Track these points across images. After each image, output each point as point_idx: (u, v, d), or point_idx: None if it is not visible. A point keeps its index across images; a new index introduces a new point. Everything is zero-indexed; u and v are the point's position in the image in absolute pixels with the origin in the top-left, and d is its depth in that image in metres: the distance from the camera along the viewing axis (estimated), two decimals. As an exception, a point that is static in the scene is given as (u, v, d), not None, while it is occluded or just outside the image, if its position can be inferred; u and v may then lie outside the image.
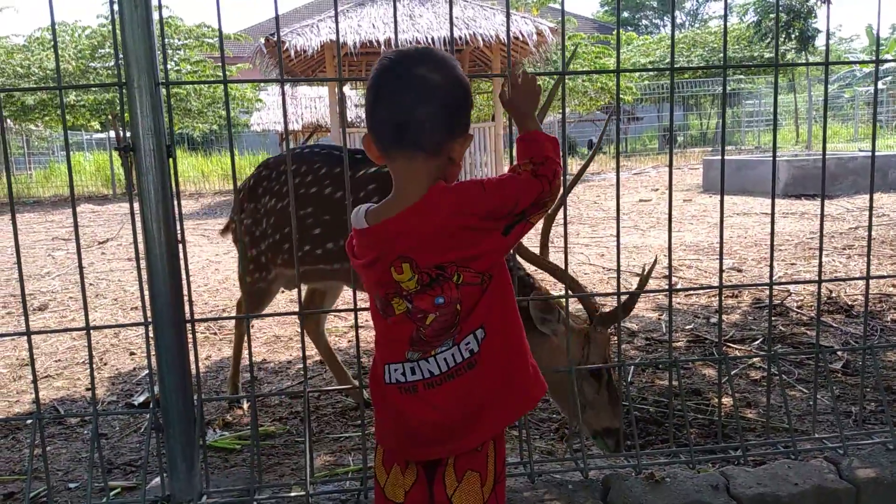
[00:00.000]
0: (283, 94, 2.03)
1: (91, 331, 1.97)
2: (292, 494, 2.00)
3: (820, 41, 20.20)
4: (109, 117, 17.14)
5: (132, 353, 3.90)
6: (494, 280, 1.32)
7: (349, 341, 3.92)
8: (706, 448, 2.33)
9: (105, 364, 3.72)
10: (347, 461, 2.45)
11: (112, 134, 18.61)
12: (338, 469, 2.37)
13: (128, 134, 1.84)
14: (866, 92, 23.18)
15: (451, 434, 1.34)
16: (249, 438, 2.64)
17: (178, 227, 1.90)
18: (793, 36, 19.70)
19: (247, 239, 2.84)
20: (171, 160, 1.88)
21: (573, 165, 19.37)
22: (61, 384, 3.42)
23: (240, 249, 2.86)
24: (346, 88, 19.00)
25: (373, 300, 1.38)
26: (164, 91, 1.85)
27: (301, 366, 3.56)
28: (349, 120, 18.56)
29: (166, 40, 16.68)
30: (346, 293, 3.49)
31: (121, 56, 1.80)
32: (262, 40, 12.82)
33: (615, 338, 2.30)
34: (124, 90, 1.81)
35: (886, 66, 22.20)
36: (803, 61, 18.82)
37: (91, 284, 5.94)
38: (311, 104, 20.60)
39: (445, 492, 1.36)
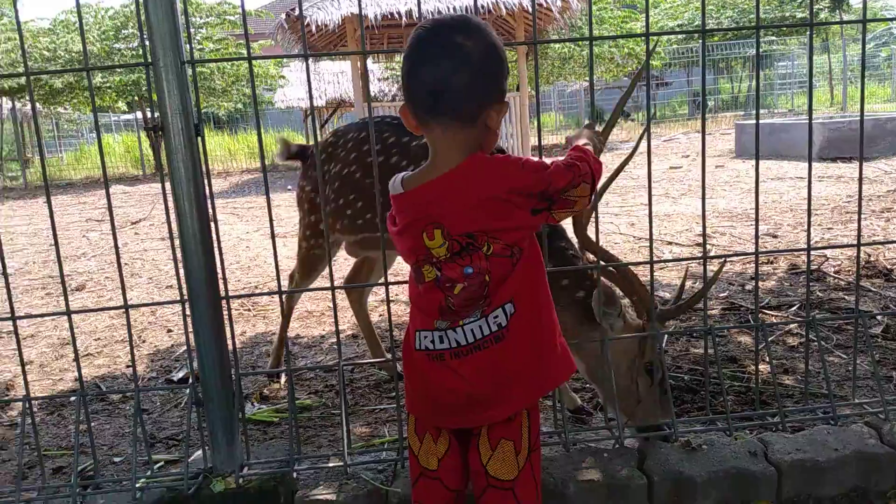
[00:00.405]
0: (308, 69, 2.01)
1: (129, 309, 2.00)
2: (330, 465, 2.03)
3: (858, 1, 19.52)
4: (136, 98, 17.31)
5: (169, 331, 3.98)
6: (525, 255, 1.33)
7: (380, 315, 3.95)
8: (744, 415, 2.30)
9: (143, 342, 3.79)
10: (383, 432, 2.48)
11: (139, 115, 18.81)
12: (374, 440, 2.40)
13: (156, 114, 1.85)
14: (903, 49, 22.42)
15: (477, 405, 1.35)
16: (287, 411, 2.68)
17: (210, 206, 1.91)
18: (825, -7, 19.06)
19: (306, 206, 2.84)
20: (199, 139, 1.89)
21: (600, 133, 19.08)
22: (102, 362, 3.50)
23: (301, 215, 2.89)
24: (369, 62, 18.90)
25: (411, 271, 1.40)
26: (189, 70, 1.85)
27: (334, 340, 3.61)
28: (373, 94, 18.49)
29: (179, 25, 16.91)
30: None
31: (146, 36, 1.80)
32: (284, 16, 12.78)
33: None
34: (151, 70, 1.82)
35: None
36: (838, 20, 18.23)
37: (126, 264, 6.04)
38: (334, 79, 20.54)
39: (480, 460, 1.38)
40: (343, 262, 5.47)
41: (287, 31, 13.00)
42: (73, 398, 2.49)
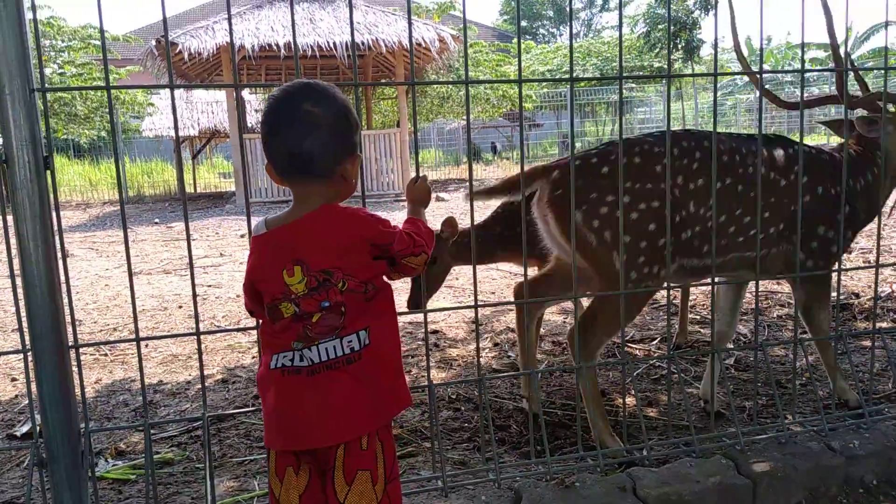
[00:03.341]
0: (174, 101, 1.92)
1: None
2: (193, 526, 1.88)
3: (704, 51, 21.39)
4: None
5: (13, 379, 3.60)
6: (381, 295, 1.47)
7: (253, 357, 3.78)
8: (613, 450, 2.38)
9: (-23, 392, 3.41)
10: (253, 486, 2.34)
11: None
12: (242, 495, 2.26)
13: (-1, 144, 1.69)
14: (746, 99, 24.78)
15: (328, 421, 1.40)
16: (144, 467, 2.48)
17: (59, 243, 1.76)
18: (679, 46, 20.75)
19: (652, 226, 2.32)
20: (48, 172, 1.73)
21: (478, 171, 19.63)
22: (-71, 417, 3.11)
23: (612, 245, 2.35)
24: (245, 93, 18.47)
25: (262, 319, 1.49)
26: (39, 99, 1.71)
27: (200, 386, 3.41)
28: (249, 125, 18.04)
29: (48, 41, 15.67)
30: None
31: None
32: (154, 42, 12.27)
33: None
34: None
35: (766, 76, 23.82)
36: (692, 72, 19.90)
37: (-37, 305, 5.46)
38: (207, 109, 19.89)
39: (337, 496, 1.40)
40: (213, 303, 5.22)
41: (157, 59, 12.46)
42: None
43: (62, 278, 1.78)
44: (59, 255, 1.76)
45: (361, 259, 1.42)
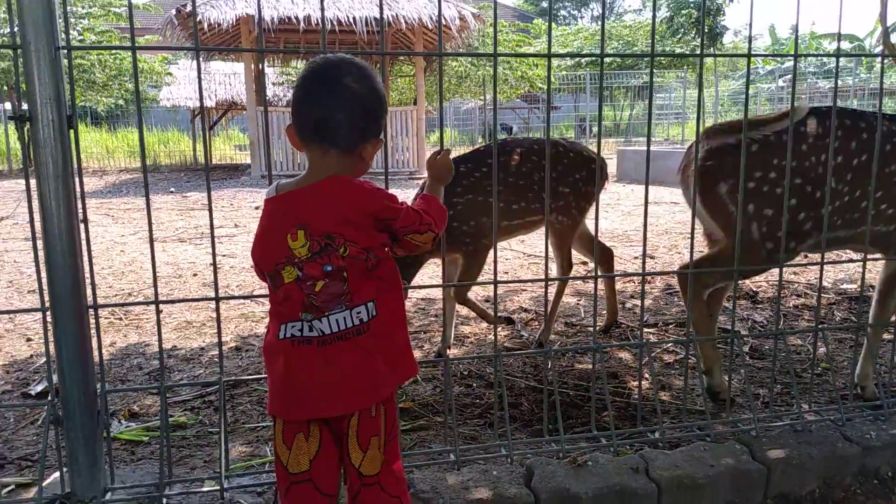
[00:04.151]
0: (199, 64, 1.90)
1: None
2: (205, 489, 1.90)
3: (727, 38, 21.08)
4: (5, 87, 15.95)
5: (29, 339, 3.63)
6: (383, 265, 1.48)
7: (266, 327, 3.79)
8: (626, 432, 2.37)
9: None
10: (265, 452, 2.36)
11: (7, 105, 17.32)
12: (254, 460, 2.28)
13: (23, 104, 1.68)
14: (767, 88, 24.43)
15: (341, 390, 1.43)
16: (158, 429, 2.50)
17: (81, 206, 1.75)
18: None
19: (794, 201, 2.42)
20: (72, 132, 1.73)
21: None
22: (-54, 374, 3.14)
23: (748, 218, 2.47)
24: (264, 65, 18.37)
25: (270, 289, 1.49)
26: (64, 57, 1.70)
27: (214, 353, 3.43)
28: (267, 98, 17.99)
29: (69, 8, 15.69)
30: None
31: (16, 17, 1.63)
32: (174, 11, 12.22)
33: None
34: (20, 55, 1.65)
35: (786, 64, 23.47)
36: (723, 53, 19.61)
37: (-19, 266, 5.51)
38: (225, 80, 19.82)
39: (352, 462, 1.46)
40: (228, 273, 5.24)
41: (176, 28, 12.43)
42: None
43: (83, 240, 1.78)
44: (81, 216, 1.76)
45: (363, 228, 1.44)
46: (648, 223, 7.32)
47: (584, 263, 5.22)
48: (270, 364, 1.48)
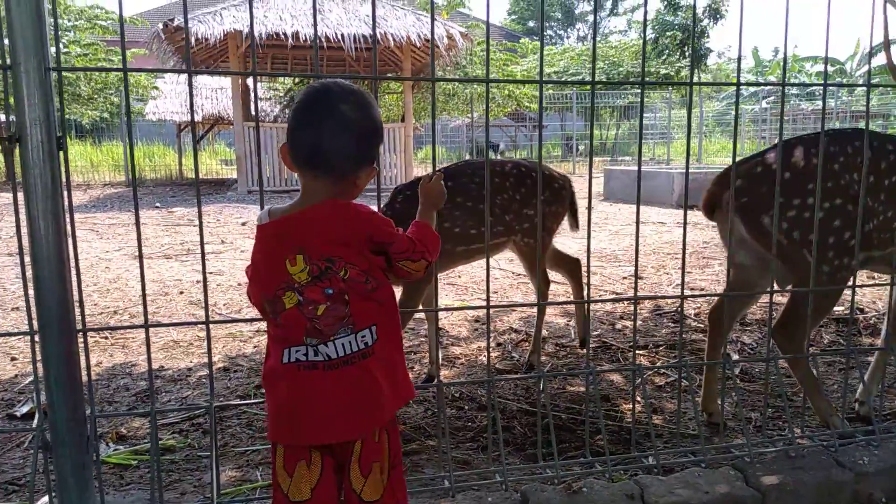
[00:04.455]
0: (191, 86, 1.88)
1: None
2: (196, 517, 1.86)
3: (711, 60, 21.38)
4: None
5: (13, 358, 3.57)
6: (383, 292, 1.48)
7: (255, 346, 3.75)
8: (621, 457, 2.35)
9: (-23, 371, 3.37)
10: (255, 476, 2.32)
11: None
12: (245, 486, 2.24)
13: (10, 120, 1.65)
14: (751, 110, 24.77)
15: (348, 415, 1.42)
16: (147, 453, 2.46)
17: (70, 224, 1.73)
18: (686, 54, 20.76)
19: (837, 222, 2.47)
20: (61, 152, 1.70)
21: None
22: (-75, 394, 3.07)
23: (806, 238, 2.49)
24: (250, 81, 18.36)
25: (266, 316, 1.49)
26: (54, 76, 1.67)
27: (202, 373, 3.38)
28: (254, 113, 17.97)
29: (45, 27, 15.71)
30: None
31: (5, 36, 1.61)
32: (161, 25, 12.20)
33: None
34: (9, 74, 1.62)
35: (768, 87, 23.81)
36: (715, 81, 19.87)
37: (-38, 282, 5.42)
38: (212, 95, 19.79)
39: (353, 488, 1.45)
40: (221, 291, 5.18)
41: (163, 42, 12.41)
42: None
43: (71, 258, 1.75)
44: (70, 236, 1.73)
45: (360, 251, 1.44)
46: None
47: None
48: (272, 389, 1.46)
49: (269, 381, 1.47)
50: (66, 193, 1.71)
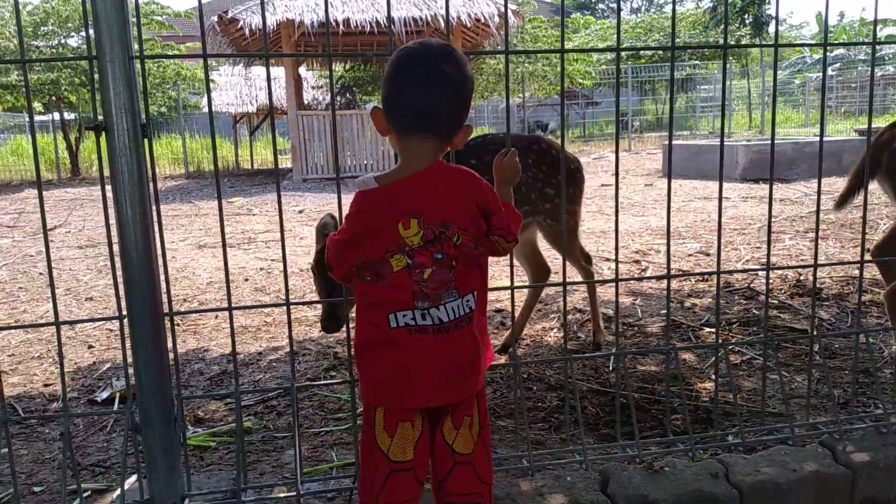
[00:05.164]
0: (268, 69, 1.91)
1: (49, 325, 1.83)
2: (281, 496, 1.90)
3: (773, 27, 20.59)
4: (53, 98, 16.42)
5: (90, 347, 3.71)
6: (484, 256, 1.50)
7: (319, 331, 3.80)
8: (701, 435, 2.30)
9: (63, 359, 3.52)
10: (330, 456, 2.36)
11: (56, 116, 17.82)
12: (321, 465, 2.28)
13: (83, 114, 1.70)
14: (816, 78, 23.79)
15: (461, 377, 1.46)
16: (227, 435, 2.53)
17: (156, 212, 1.77)
18: (747, 22, 20.04)
19: None
20: (146, 140, 1.74)
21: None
22: (17, 380, 3.22)
23: None
24: (302, 69, 18.58)
25: (359, 284, 1.46)
26: (138, 65, 1.71)
27: (272, 357, 3.45)
28: (306, 102, 18.19)
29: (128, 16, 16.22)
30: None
31: (91, 27, 1.65)
32: (215, 18, 12.43)
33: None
34: (95, 65, 1.67)
35: (835, 53, 22.81)
36: (749, 43, 19.16)
37: (41, 274, 5.66)
38: (266, 85, 20.09)
39: (445, 440, 1.48)
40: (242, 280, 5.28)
41: (218, 34, 12.63)
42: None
43: (158, 247, 1.80)
44: (156, 223, 1.78)
45: (473, 216, 1.44)
46: (700, 219, 7.18)
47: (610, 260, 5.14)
48: (374, 354, 1.46)
49: (370, 347, 1.46)
50: (150, 180, 1.75)
